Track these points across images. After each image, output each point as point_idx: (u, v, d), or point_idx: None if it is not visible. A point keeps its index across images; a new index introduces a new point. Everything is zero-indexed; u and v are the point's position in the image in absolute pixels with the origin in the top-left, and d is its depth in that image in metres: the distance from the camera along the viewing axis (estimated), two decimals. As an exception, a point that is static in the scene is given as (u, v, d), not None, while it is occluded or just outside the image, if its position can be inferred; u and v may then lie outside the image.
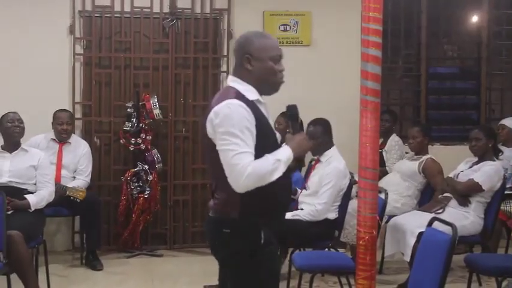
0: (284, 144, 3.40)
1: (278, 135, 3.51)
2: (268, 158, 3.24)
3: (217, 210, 3.42)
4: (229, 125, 3.20)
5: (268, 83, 3.45)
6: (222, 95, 3.38)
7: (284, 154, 3.31)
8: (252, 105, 3.31)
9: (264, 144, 3.28)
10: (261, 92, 3.44)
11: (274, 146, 3.37)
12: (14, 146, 6.22)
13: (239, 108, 3.24)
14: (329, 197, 5.82)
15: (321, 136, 6.06)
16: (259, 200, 3.27)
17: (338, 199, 5.91)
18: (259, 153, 3.24)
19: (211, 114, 3.28)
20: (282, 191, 3.42)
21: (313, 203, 5.86)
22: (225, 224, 3.36)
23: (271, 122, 3.50)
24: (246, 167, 3.16)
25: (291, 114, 3.57)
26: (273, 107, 6.74)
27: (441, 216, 5.55)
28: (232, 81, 3.44)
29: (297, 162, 3.45)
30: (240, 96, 3.31)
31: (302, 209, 5.93)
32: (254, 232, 3.33)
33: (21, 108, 6.50)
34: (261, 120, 3.32)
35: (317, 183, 5.95)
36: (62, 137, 7.07)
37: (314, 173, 6.10)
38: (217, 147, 3.25)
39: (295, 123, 3.54)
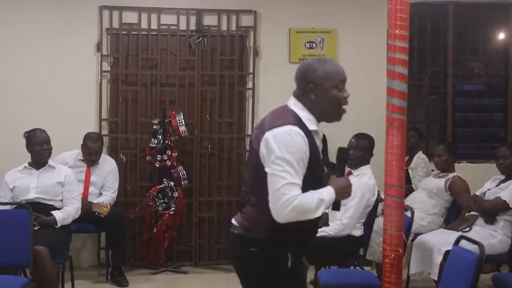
0: (328, 185, 3.38)
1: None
2: (314, 196, 3.23)
3: (242, 226, 3.40)
4: (287, 152, 3.17)
5: (331, 112, 3.47)
6: (283, 116, 3.33)
7: (328, 195, 3.30)
8: (309, 135, 3.29)
9: (311, 176, 3.26)
10: (321, 120, 3.45)
11: (320, 179, 3.37)
12: (41, 163, 6.26)
13: (299, 138, 3.22)
14: (355, 211, 5.75)
15: (364, 150, 6.00)
16: (287, 227, 3.22)
17: (364, 216, 5.86)
18: (305, 183, 3.22)
19: (268, 135, 3.24)
20: (311, 223, 3.35)
21: (339, 217, 5.83)
22: (252, 243, 3.34)
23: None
24: (293, 199, 3.14)
25: (341, 158, 3.58)
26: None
27: (468, 234, 5.51)
28: (294, 105, 3.40)
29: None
30: (300, 124, 3.28)
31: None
32: (281, 254, 3.32)
33: (49, 124, 6.55)
34: (314, 152, 3.29)
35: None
36: (89, 162, 7.13)
37: None
38: (267, 170, 3.21)
39: (343, 167, 3.57)
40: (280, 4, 7.87)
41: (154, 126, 7.40)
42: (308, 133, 3.28)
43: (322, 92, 3.36)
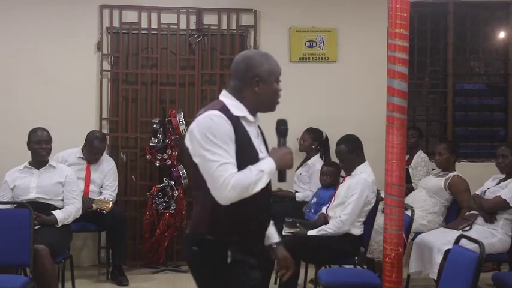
0: (267, 156, 3.34)
1: (261, 155, 3.38)
2: (251, 169, 3.18)
3: (190, 226, 3.40)
4: (212, 135, 3.15)
5: (271, 104, 3.44)
6: (208, 107, 3.34)
7: (267, 165, 3.25)
8: (235, 119, 3.25)
9: (241, 162, 3.20)
10: (258, 111, 3.43)
11: (252, 163, 3.26)
12: (41, 163, 6.27)
13: (221, 119, 3.19)
14: (354, 208, 5.76)
15: (345, 155, 6.03)
16: (229, 218, 3.21)
17: (363, 214, 5.86)
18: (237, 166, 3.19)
19: (192, 125, 3.26)
20: (256, 210, 3.32)
21: (338, 215, 5.83)
22: (194, 242, 3.31)
23: (258, 141, 3.40)
24: (230, 178, 3.11)
25: (279, 129, 3.49)
26: (297, 124, 6.78)
27: (468, 233, 5.52)
28: (223, 96, 3.40)
29: (280, 176, 3.43)
30: (224, 110, 3.26)
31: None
32: (220, 251, 3.24)
33: (49, 123, 6.56)
34: (240, 136, 3.24)
35: (344, 193, 5.90)
36: (93, 161, 7.14)
37: (342, 185, 6.04)
38: (197, 160, 3.20)
39: (283, 138, 3.47)
40: (280, 3, 7.86)
41: (155, 125, 7.40)
42: (232, 117, 3.24)
43: (266, 85, 3.37)
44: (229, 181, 3.10)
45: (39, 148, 6.20)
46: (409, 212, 5.50)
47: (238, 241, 3.26)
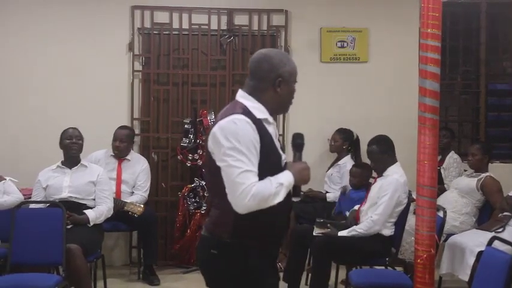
0: (286, 170, 3.27)
1: (283, 157, 3.35)
2: (272, 181, 3.14)
3: (208, 229, 3.33)
4: (236, 140, 3.10)
5: (286, 105, 3.43)
6: (229, 109, 3.30)
7: (286, 179, 3.20)
8: (258, 123, 3.21)
9: (266, 164, 3.18)
10: (275, 113, 3.40)
11: (277, 167, 3.26)
12: (73, 162, 6.32)
13: (246, 125, 3.15)
14: (385, 208, 5.74)
15: (377, 156, 6.01)
16: (252, 223, 3.17)
17: (394, 215, 5.83)
18: (261, 172, 3.14)
19: (215, 128, 3.20)
20: (277, 217, 3.28)
21: (370, 215, 5.81)
22: (214, 245, 3.27)
23: (278, 143, 3.36)
24: (251, 187, 3.06)
25: (295, 143, 3.44)
26: (328, 124, 6.76)
27: (501, 235, 5.47)
28: (241, 97, 3.35)
29: (295, 191, 3.35)
30: (246, 113, 3.21)
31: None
32: (240, 255, 3.22)
33: (81, 124, 6.61)
34: (264, 139, 3.19)
35: (376, 193, 5.88)
36: (115, 154, 7.17)
37: (374, 186, 6.02)
38: (219, 163, 3.14)
39: (298, 153, 3.42)
40: (311, 3, 7.85)
41: (186, 126, 7.43)
42: (257, 121, 3.20)
43: (287, 86, 3.34)
44: (250, 190, 3.06)
45: (70, 143, 6.25)
46: (441, 213, 5.47)
47: (258, 246, 3.24)
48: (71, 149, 6.27)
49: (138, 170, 7.19)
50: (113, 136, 7.17)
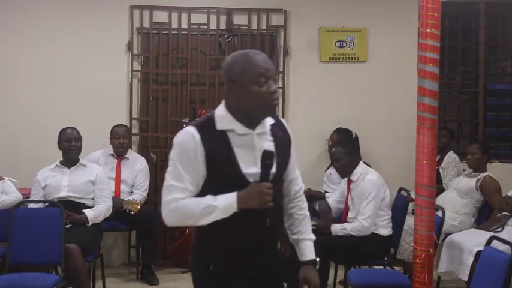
0: (236, 192, 2.98)
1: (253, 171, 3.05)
2: (201, 201, 2.99)
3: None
4: (174, 153, 3.05)
5: (258, 109, 3.06)
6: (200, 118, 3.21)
7: (224, 201, 2.97)
8: (215, 135, 3.05)
9: (218, 178, 3.02)
10: (254, 117, 3.08)
11: (233, 182, 3.01)
12: (72, 161, 6.33)
13: (189, 140, 3.01)
14: (372, 209, 5.77)
15: (344, 158, 6.02)
16: (210, 233, 3.09)
17: (385, 209, 5.86)
18: (207, 187, 3.03)
19: None
20: (236, 233, 3.07)
21: (358, 220, 5.82)
22: (191, 252, 3.35)
23: (252, 154, 3.06)
24: (171, 202, 3.02)
25: (263, 162, 3.04)
26: (327, 123, 6.76)
27: (500, 235, 5.47)
28: (221, 104, 3.18)
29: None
30: (205, 124, 3.09)
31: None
32: (204, 263, 3.16)
33: (80, 123, 6.63)
34: (217, 152, 3.01)
35: (358, 201, 5.90)
36: (119, 151, 7.16)
37: (351, 194, 6.04)
38: None
39: (266, 171, 3.04)
40: (310, 3, 7.85)
41: (185, 125, 7.42)
42: (213, 133, 3.05)
43: (243, 87, 3.03)
44: (169, 204, 3.03)
45: (69, 146, 6.26)
46: (439, 213, 5.47)
47: (218, 256, 3.13)
48: (70, 152, 6.29)
49: (137, 169, 7.19)
50: (113, 134, 7.18)
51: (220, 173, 3.03)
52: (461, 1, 8.20)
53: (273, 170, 3.08)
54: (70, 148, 6.27)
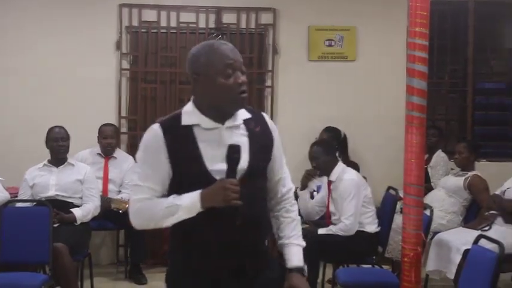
0: (200, 190, 2.82)
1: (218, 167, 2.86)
2: (163, 202, 2.86)
3: None
4: (140, 150, 2.94)
5: (226, 102, 2.88)
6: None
7: (188, 200, 2.81)
8: (180, 130, 2.89)
9: (183, 175, 2.87)
10: (222, 111, 2.90)
11: (198, 179, 2.84)
12: (60, 161, 6.31)
13: (153, 136, 2.88)
14: (354, 207, 5.79)
15: (321, 157, 6.03)
16: (174, 235, 2.99)
17: (369, 206, 5.88)
18: (174, 185, 2.89)
19: None
20: (205, 236, 2.89)
21: (341, 220, 5.83)
22: None
23: (219, 150, 2.86)
24: (136, 202, 2.93)
25: (230, 157, 2.83)
26: (316, 122, 6.75)
27: (488, 233, 5.47)
28: (189, 102, 3.00)
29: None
30: (170, 120, 2.94)
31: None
32: (171, 266, 3.06)
33: (68, 122, 6.60)
34: (182, 148, 2.86)
35: (340, 201, 5.90)
36: (106, 151, 7.14)
37: (332, 196, 6.05)
38: None
39: (232, 167, 2.84)
40: (299, 2, 7.85)
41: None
42: (178, 128, 2.89)
43: (209, 79, 2.86)
44: (134, 205, 2.95)
45: (57, 145, 6.25)
46: (428, 212, 5.48)
47: (183, 260, 2.98)
48: (58, 152, 6.27)
49: (124, 168, 7.15)
50: (100, 134, 7.15)
51: (186, 170, 2.87)
52: (450, 0, 8.22)
53: (243, 165, 2.87)
54: (58, 147, 6.26)
